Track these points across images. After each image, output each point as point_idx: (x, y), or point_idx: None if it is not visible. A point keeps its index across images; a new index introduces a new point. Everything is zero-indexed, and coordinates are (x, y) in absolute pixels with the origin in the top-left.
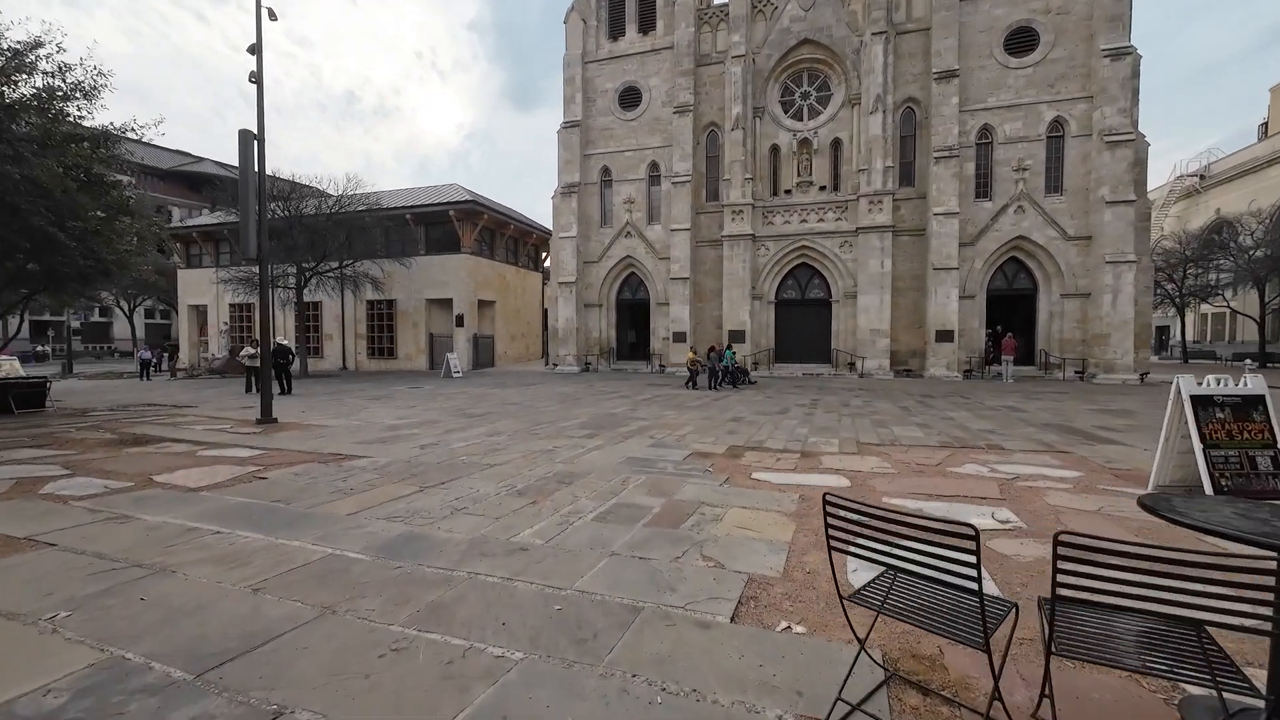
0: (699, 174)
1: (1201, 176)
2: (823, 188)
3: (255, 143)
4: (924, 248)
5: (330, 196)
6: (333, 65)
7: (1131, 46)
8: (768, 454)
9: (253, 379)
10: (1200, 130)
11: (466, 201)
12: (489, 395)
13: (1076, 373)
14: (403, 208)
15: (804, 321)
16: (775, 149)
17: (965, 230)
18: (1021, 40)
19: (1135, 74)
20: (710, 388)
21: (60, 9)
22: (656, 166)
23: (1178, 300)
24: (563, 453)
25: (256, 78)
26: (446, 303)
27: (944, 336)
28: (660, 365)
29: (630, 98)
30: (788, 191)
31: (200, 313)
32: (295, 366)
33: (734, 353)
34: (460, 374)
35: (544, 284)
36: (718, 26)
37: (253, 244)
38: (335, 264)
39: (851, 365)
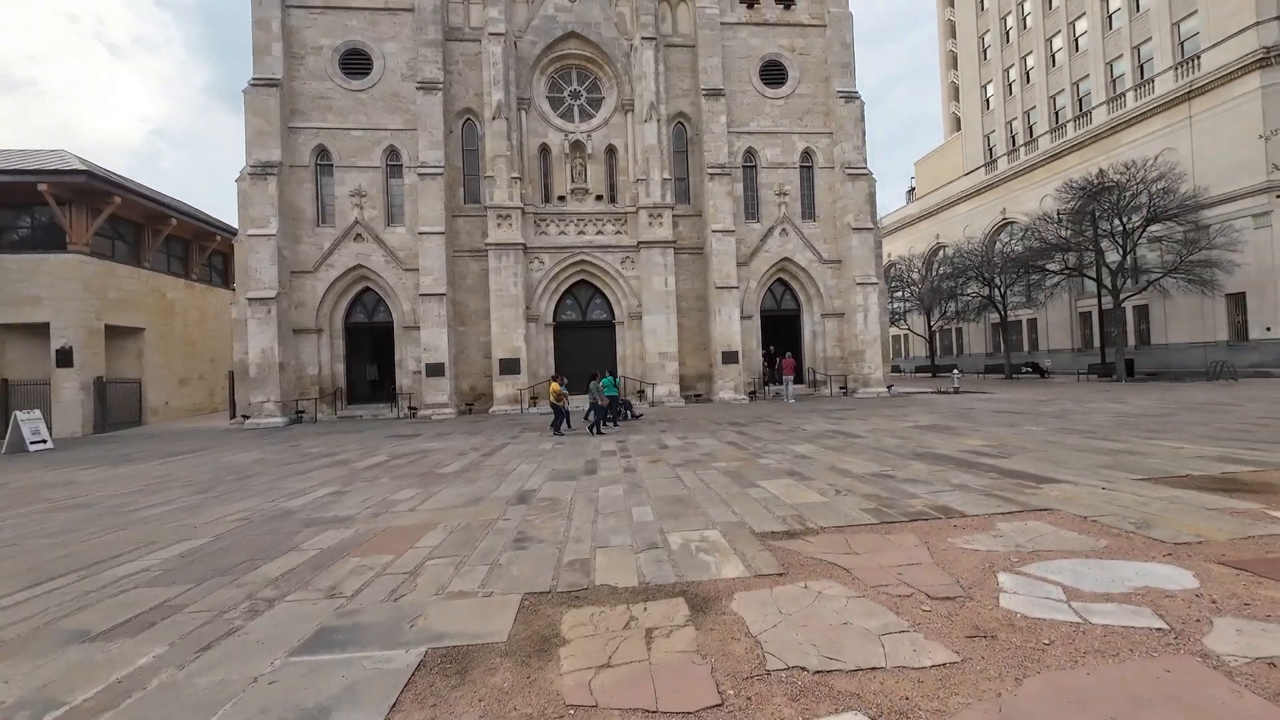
0: (454, 169)
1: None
2: (599, 197)
3: None
4: (704, 266)
5: None
6: None
7: (857, 93)
8: (614, 612)
9: None
10: None
11: (77, 173)
12: (42, 493)
13: (840, 388)
14: None
15: (587, 346)
16: (545, 149)
17: (740, 250)
18: (774, 73)
19: (861, 117)
20: (594, 430)
21: None
22: (397, 154)
23: None
24: None
25: None
26: (40, 329)
27: (730, 358)
28: (410, 408)
29: (357, 63)
30: (561, 198)
31: None
32: None
33: (615, 380)
34: (46, 444)
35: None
36: None
37: None
38: None
39: (641, 393)
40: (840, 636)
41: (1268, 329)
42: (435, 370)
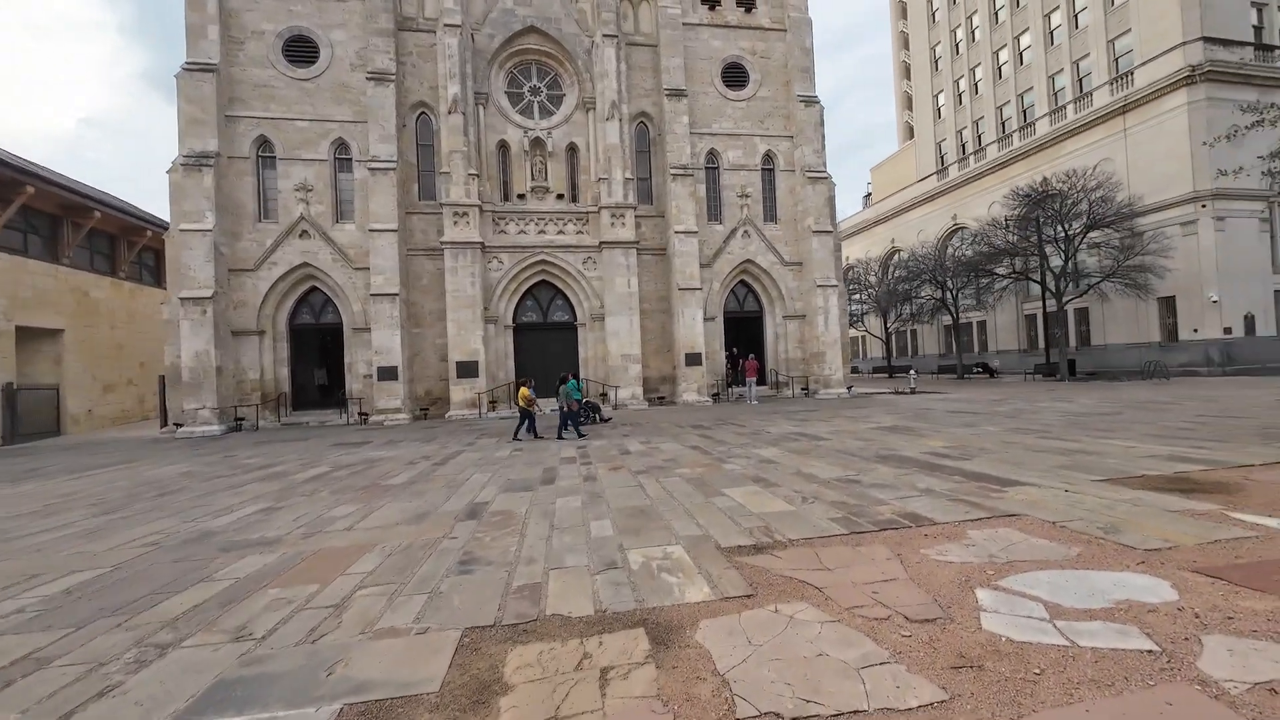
0: (408, 164)
1: None
2: (560, 196)
3: None
4: (667, 268)
5: None
6: None
7: (817, 97)
8: (566, 649)
9: None
10: None
11: None
12: None
13: (802, 389)
14: None
15: (549, 348)
16: (504, 146)
17: (702, 252)
18: (736, 75)
19: (821, 122)
20: (578, 434)
21: None
22: (346, 146)
23: None
24: None
25: None
26: None
27: (693, 360)
28: (361, 414)
29: (301, 50)
30: (521, 197)
31: None
32: None
33: (579, 383)
34: None
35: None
36: None
37: None
38: None
39: (604, 396)
40: (816, 672)
41: (1195, 331)
42: (387, 374)
